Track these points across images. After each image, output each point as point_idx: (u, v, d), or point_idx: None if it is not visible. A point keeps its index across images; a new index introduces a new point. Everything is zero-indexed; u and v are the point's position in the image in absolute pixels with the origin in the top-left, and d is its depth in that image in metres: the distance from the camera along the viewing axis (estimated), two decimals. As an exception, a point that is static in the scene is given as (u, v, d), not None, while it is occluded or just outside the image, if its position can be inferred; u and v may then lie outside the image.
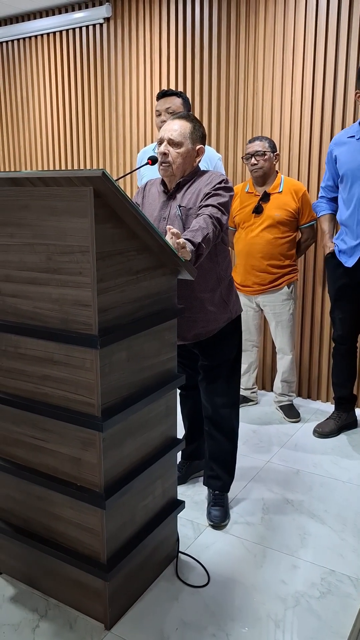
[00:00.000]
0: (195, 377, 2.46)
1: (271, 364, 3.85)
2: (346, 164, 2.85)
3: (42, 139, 4.55)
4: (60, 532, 1.81)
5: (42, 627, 1.78)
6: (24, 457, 1.84)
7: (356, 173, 2.80)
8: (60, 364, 1.67)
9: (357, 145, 2.82)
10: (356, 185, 2.82)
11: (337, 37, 3.29)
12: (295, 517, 2.39)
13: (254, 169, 3.17)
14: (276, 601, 1.90)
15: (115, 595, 1.78)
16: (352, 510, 2.44)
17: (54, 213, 1.57)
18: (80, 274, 1.56)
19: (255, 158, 3.14)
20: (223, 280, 2.24)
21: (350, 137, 2.87)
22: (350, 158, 2.83)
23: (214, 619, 1.82)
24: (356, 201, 2.83)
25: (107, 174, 1.42)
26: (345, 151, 2.87)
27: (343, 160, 2.87)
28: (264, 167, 3.15)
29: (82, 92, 4.26)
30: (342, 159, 2.88)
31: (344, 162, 2.86)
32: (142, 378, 1.80)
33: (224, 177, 2.11)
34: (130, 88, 4.04)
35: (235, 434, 2.41)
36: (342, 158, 2.88)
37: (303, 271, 3.63)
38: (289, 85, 3.47)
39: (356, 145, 2.82)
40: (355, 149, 2.82)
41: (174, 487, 2.05)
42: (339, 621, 1.81)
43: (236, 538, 2.25)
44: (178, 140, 2.08)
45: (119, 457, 1.73)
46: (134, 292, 1.72)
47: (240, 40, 3.57)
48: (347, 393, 3.21)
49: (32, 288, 1.68)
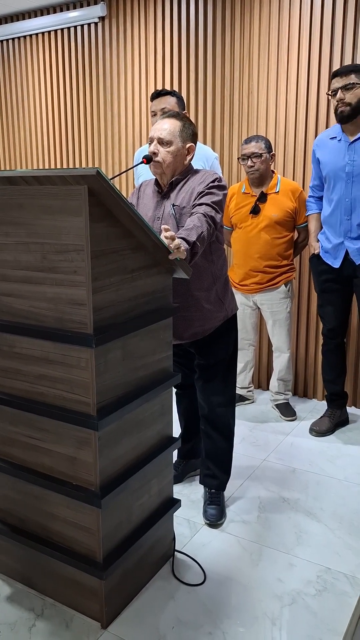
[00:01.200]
0: (191, 376, 2.46)
1: (267, 363, 3.86)
2: (328, 165, 2.88)
3: (37, 138, 4.54)
4: (56, 531, 1.81)
5: (39, 626, 1.78)
6: (20, 456, 1.84)
7: (338, 174, 2.83)
8: (55, 363, 1.67)
9: (338, 146, 2.85)
10: (338, 186, 2.85)
11: (331, 36, 3.30)
12: (292, 515, 2.40)
13: (250, 172, 3.16)
14: (272, 599, 1.90)
15: (112, 594, 1.78)
16: (347, 508, 2.45)
17: (49, 212, 1.57)
18: (75, 273, 1.56)
19: (252, 160, 3.12)
20: (218, 278, 2.24)
21: (332, 139, 2.90)
22: (333, 159, 2.86)
23: (211, 617, 1.82)
24: (338, 201, 2.87)
25: (102, 173, 1.42)
26: (328, 153, 2.90)
27: (325, 162, 2.91)
28: (260, 169, 3.15)
29: (77, 91, 4.26)
30: (324, 160, 2.92)
31: (327, 164, 2.90)
32: (137, 377, 1.80)
33: (218, 176, 2.12)
34: (126, 87, 4.03)
35: (232, 433, 2.42)
36: (324, 159, 2.92)
37: (299, 270, 3.63)
38: (284, 84, 3.47)
39: (338, 146, 2.85)
40: (337, 150, 2.85)
41: (170, 485, 2.05)
42: (335, 619, 1.82)
43: (232, 536, 2.25)
44: (167, 139, 2.09)
45: (114, 456, 1.73)
46: (129, 290, 1.72)
47: (235, 39, 3.57)
48: (339, 389, 3.22)
49: (27, 287, 1.68)
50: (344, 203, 2.84)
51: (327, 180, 2.92)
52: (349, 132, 2.82)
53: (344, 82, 2.72)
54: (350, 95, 2.72)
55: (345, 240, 2.87)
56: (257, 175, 3.17)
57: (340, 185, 2.84)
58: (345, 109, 2.74)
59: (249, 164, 3.14)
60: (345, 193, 2.83)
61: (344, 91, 2.72)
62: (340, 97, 2.73)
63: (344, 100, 2.73)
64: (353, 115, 2.74)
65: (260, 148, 3.12)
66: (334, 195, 2.89)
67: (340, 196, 2.85)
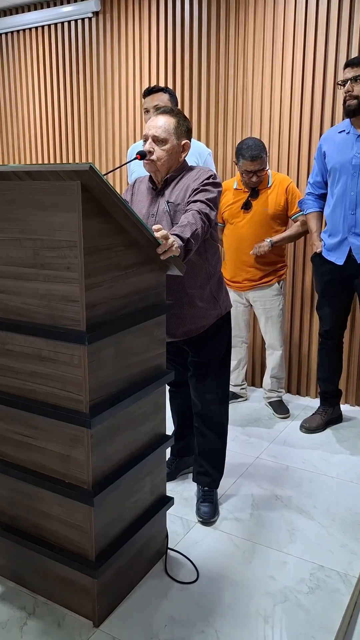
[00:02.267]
0: (184, 374, 2.45)
1: (260, 361, 3.86)
2: (335, 158, 2.86)
3: (30, 133, 4.51)
4: (49, 530, 1.80)
5: (30, 625, 1.77)
6: (12, 454, 1.83)
7: (345, 166, 2.81)
8: (48, 360, 1.66)
9: (347, 139, 2.82)
10: (343, 179, 2.83)
11: (326, 32, 3.29)
12: (284, 512, 2.40)
13: (253, 184, 3.14)
14: (265, 597, 1.90)
15: (104, 592, 1.78)
16: (340, 506, 2.45)
17: (41, 207, 1.56)
18: (68, 269, 1.55)
19: (258, 175, 3.10)
20: (213, 276, 2.23)
21: (340, 132, 2.87)
22: (340, 152, 2.84)
23: (203, 615, 1.82)
24: (343, 195, 2.84)
25: (95, 168, 1.40)
26: (335, 146, 2.88)
27: (332, 155, 2.88)
28: (262, 178, 3.15)
29: (70, 87, 4.23)
30: (330, 153, 2.89)
31: (333, 156, 2.87)
32: (130, 374, 1.79)
33: (212, 173, 2.10)
34: (119, 83, 4.01)
35: (225, 430, 2.41)
36: (331, 152, 2.89)
37: (292, 268, 3.63)
38: (278, 80, 3.47)
39: (347, 139, 2.83)
40: (345, 142, 2.83)
41: (163, 483, 2.05)
42: (327, 616, 1.82)
43: (225, 534, 2.25)
44: (162, 137, 2.07)
45: (107, 454, 1.72)
46: (123, 287, 1.71)
47: (230, 35, 3.55)
48: (333, 388, 3.22)
49: (19, 284, 1.66)
50: (349, 197, 2.81)
51: (332, 174, 2.89)
52: (357, 125, 2.80)
53: (355, 72, 2.68)
54: (358, 87, 2.69)
55: (349, 236, 2.84)
56: (258, 185, 3.17)
57: (345, 179, 2.81)
58: (352, 102, 2.72)
59: (254, 180, 3.11)
60: (350, 186, 2.80)
61: (353, 83, 2.69)
62: (348, 90, 2.71)
63: (352, 93, 2.70)
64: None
65: (264, 161, 3.09)
66: (338, 189, 2.86)
67: (345, 190, 2.82)
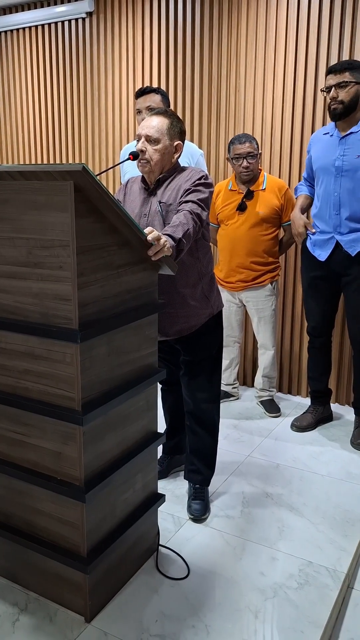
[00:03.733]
0: (176, 373, 2.47)
1: (252, 360, 3.88)
2: (319, 160, 2.91)
3: (24, 133, 4.51)
4: (41, 526, 1.82)
5: (22, 621, 1.79)
6: (5, 451, 1.84)
7: (328, 168, 2.85)
8: (40, 359, 1.67)
9: (331, 141, 2.87)
10: (327, 180, 2.87)
11: (318, 34, 3.32)
12: (275, 510, 2.42)
13: (245, 172, 3.16)
14: (255, 592, 1.93)
15: (96, 588, 1.79)
16: (330, 503, 2.48)
17: (34, 207, 1.57)
18: (61, 268, 1.57)
19: (247, 160, 3.12)
20: (204, 275, 2.26)
21: (325, 134, 2.92)
22: (324, 154, 2.89)
23: (194, 610, 1.84)
24: (327, 196, 2.88)
25: (88, 169, 1.42)
26: (320, 148, 2.93)
27: (317, 157, 2.93)
28: (254, 170, 3.17)
29: (64, 87, 4.24)
30: (316, 155, 2.94)
31: (318, 158, 2.92)
32: (122, 372, 1.81)
33: (204, 173, 2.12)
34: (113, 83, 4.03)
35: (216, 429, 2.43)
36: (316, 154, 2.94)
37: (284, 268, 3.66)
38: (270, 81, 3.49)
39: (331, 141, 2.87)
40: (329, 145, 2.88)
41: (154, 481, 2.07)
42: (316, 611, 1.84)
43: (216, 531, 2.27)
44: (155, 137, 2.09)
45: (99, 451, 1.73)
46: (115, 286, 1.73)
47: (223, 36, 3.58)
48: (322, 387, 3.25)
49: (12, 282, 1.68)
50: (333, 198, 2.85)
51: (317, 176, 2.94)
52: (341, 128, 2.84)
53: (338, 79, 2.72)
54: (343, 93, 2.73)
55: (335, 235, 2.88)
56: (250, 176, 3.19)
57: (329, 180, 2.86)
58: (338, 107, 2.76)
59: (244, 165, 3.13)
60: (334, 187, 2.84)
61: (337, 89, 2.73)
62: (334, 96, 2.75)
63: (337, 98, 2.74)
64: (345, 114, 2.76)
65: (255, 148, 3.13)
66: (323, 190, 2.90)
67: (329, 191, 2.87)
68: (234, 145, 3.15)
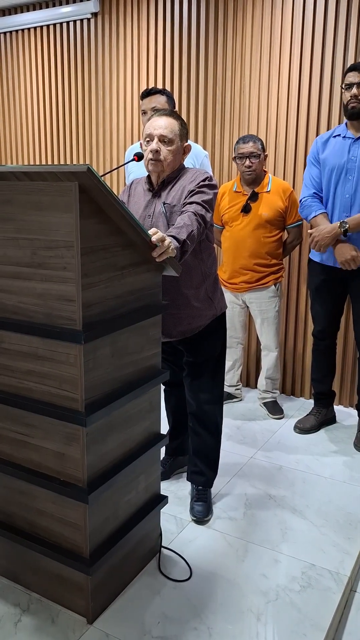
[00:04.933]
0: (179, 374, 2.47)
1: (255, 361, 3.88)
2: (330, 162, 2.88)
3: (28, 133, 4.52)
4: (43, 527, 1.82)
5: (24, 622, 1.79)
6: (7, 452, 1.84)
7: (340, 170, 2.83)
8: (44, 359, 1.67)
9: (342, 143, 2.85)
10: (338, 182, 2.85)
11: (323, 36, 3.32)
12: (277, 512, 2.42)
13: (247, 172, 3.16)
14: (257, 595, 1.92)
15: (98, 589, 1.79)
16: (333, 505, 2.47)
17: (39, 208, 1.57)
18: (65, 269, 1.56)
19: (250, 160, 3.12)
20: (208, 277, 2.25)
21: (335, 136, 2.90)
22: (335, 156, 2.86)
23: (196, 612, 1.84)
24: (337, 198, 2.87)
25: (92, 170, 1.42)
26: (330, 150, 2.90)
27: (327, 159, 2.90)
28: (257, 170, 3.16)
29: (69, 88, 4.25)
30: (325, 157, 2.91)
31: (328, 160, 2.89)
32: (125, 373, 1.81)
33: (208, 175, 2.12)
34: (118, 84, 4.03)
35: (219, 430, 2.43)
36: (325, 156, 2.91)
37: (288, 269, 3.65)
38: (275, 83, 3.49)
39: (341, 143, 2.85)
40: (340, 147, 2.86)
41: (157, 482, 2.06)
42: (319, 614, 1.84)
43: (219, 533, 2.27)
44: (170, 138, 2.08)
45: (102, 452, 1.73)
46: (119, 287, 1.72)
47: (228, 37, 3.58)
48: (326, 389, 3.25)
49: (16, 283, 1.68)
50: (344, 200, 2.83)
51: (327, 177, 2.91)
52: (354, 129, 2.83)
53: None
54: None
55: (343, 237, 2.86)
56: (253, 176, 3.18)
57: (340, 182, 2.84)
58: (357, 105, 2.74)
59: (247, 164, 3.14)
60: (345, 189, 2.82)
61: (358, 87, 2.72)
62: (355, 94, 2.73)
63: (359, 96, 2.73)
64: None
65: (258, 148, 3.13)
66: (333, 192, 2.88)
67: (339, 192, 2.85)
68: (238, 144, 3.17)
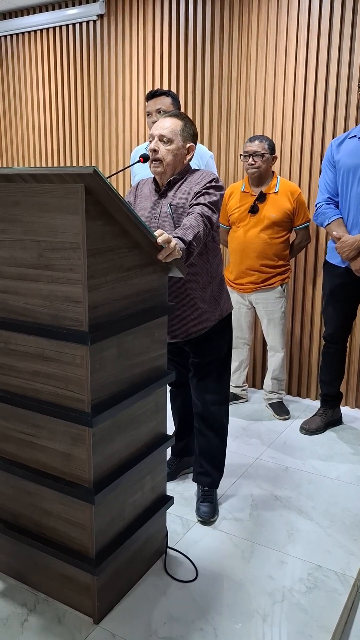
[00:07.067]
0: (185, 375, 2.47)
1: (262, 362, 3.87)
2: (346, 163, 2.85)
3: (35, 135, 4.54)
4: (50, 527, 1.82)
5: (31, 621, 1.79)
6: (14, 452, 1.85)
7: (356, 171, 2.81)
8: (50, 360, 1.68)
9: (357, 144, 2.83)
10: (354, 183, 2.83)
11: (329, 37, 3.31)
12: (284, 513, 2.42)
13: (250, 169, 3.17)
14: (263, 596, 1.92)
15: (104, 589, 1.80)
16: (339, 506, 2.47)
17: (45, 209, 1.58)
18: (71, 271, 1.57)
19: (253, 158, 3.13)
20: (214, 278, 2.25)
21: (352, 137, 2.88)
22: (351, 156, 2.83)
23: (202, 613, 1.84)
24: (353, 198, 2.84)
25: (99, 171, 1.43)
26: (345, 151, 2.87)
27: (342, 160, 2.87)
28: (260, 168, 3.16)
29: (75, 89, 4.26)
30: (341, 158, 2.88)
31: (344, 161, 2.87)
32: (132, 374, 1.81)
33: (215, 176, 2.13)
34: (124, 85, 4.04)
35: (225, 431, 2.43)
36: (341, 157, 2.89)
37: (294, 270, 3.65)
38: (281, 84, 3.49)
39: (357, 144, 2.83)
40: (356, 148, 2.83)
41: (163, 483, 2.07)
42: (325, 616, 1.84)
43: (225, 534, 2.27)
44: (168, 137, 2.10)
45: (108, 453, 1.74)
46: (125, 289, 1.73)
47: (234, 38, 3.58)
48: (334, 391, 3.24)
49: (23, 284, 1.69)
50: (359, 200, 2.81)
51: (343, 179, 2.89)
52: None
53: None
54: None
55: None
56: (256, 174, 3.18)
57: (356, 182, 2.82)
58: None
59: (250, 162, 3.15)
60: None
61: None
62: None
63: None
64: None
65: (263, 148, 3.13)
66: (348, 194, 2.86)
67: (354, 193, 2.83)
68: (246, 143, 3.20)
